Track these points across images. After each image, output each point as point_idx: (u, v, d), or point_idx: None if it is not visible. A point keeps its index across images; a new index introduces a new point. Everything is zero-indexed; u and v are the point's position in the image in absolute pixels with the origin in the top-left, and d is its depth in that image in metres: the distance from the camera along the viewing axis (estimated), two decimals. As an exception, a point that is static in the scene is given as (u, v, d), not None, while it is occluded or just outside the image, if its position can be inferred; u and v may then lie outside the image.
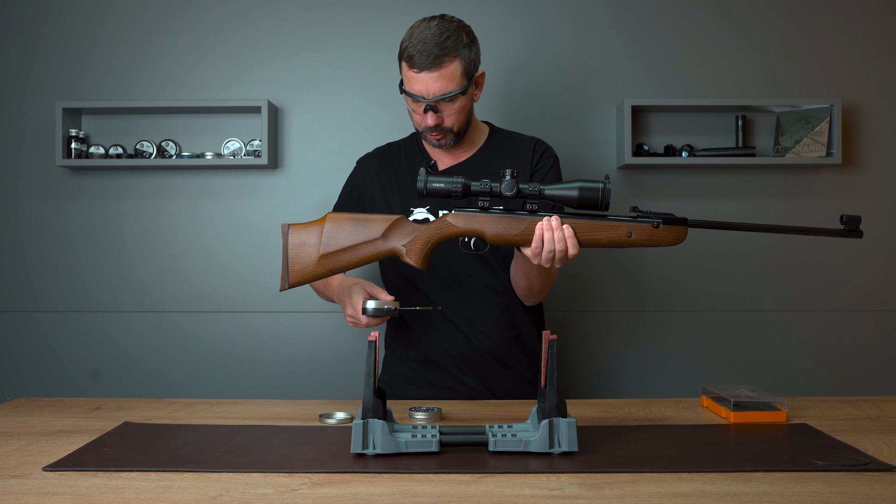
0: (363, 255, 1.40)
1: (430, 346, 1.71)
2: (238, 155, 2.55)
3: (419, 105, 1.60)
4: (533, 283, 1.62)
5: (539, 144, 1.74)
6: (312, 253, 1.40)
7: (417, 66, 1.56)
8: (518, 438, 1.15)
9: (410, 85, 1.59)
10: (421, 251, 1.39)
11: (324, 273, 1.41)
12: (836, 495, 1.00)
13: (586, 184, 1.33)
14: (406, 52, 1.58)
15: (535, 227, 1.35)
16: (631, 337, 2.62)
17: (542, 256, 1.36)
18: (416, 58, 1.56)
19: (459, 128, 1.65)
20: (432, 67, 1.55)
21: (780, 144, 2.53)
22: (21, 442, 1.26)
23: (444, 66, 1.56)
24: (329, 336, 2.58)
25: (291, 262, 1.40)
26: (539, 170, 1.70)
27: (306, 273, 1.40)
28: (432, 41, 1.55)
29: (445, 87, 1.57)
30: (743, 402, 1.39)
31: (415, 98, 1.59)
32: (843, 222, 1.36)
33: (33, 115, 2.58)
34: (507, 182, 1.34)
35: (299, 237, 1.40)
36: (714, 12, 2.60)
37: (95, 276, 2.59)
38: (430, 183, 1.35)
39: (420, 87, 1.57)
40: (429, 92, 1.57)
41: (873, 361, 2.59)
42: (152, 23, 2.59)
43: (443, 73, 1.56)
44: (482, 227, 1.37)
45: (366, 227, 1.40)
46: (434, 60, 1.55)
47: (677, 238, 1.37)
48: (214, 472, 1.09)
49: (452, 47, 1.57)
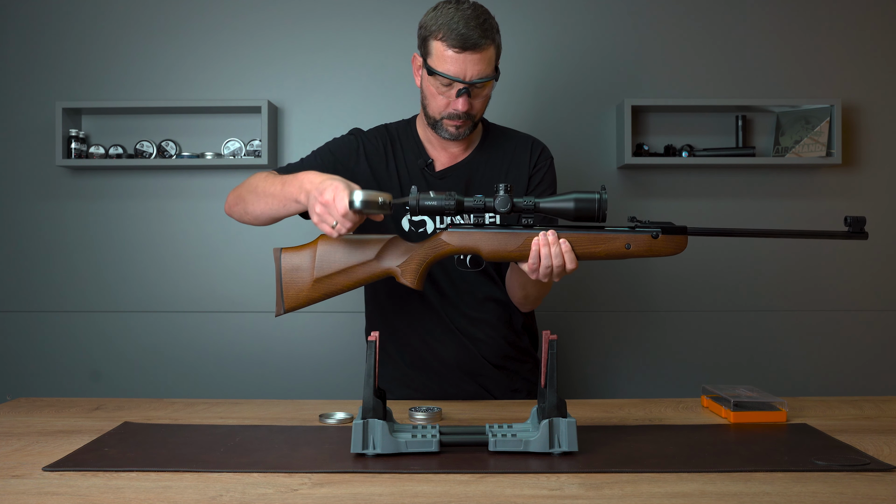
0: (358, 278, 1.38)
1: (427, 353, 1.70)
2: (238, 155, 2.55)
3: (451, 89, 1.53)
4: (529, 292, 1.61)
5: (536, 144, 1.71)
6: (306, 277, 1.38)
7: (459, 46, 1.48)
8: (518, 438, 1.15)
9: (445, 65, 1.50)
10: (416, 271, 1.38)
11: (318, 297, 1.39)
12: (836, 495, 0.99)
13: (582, 195, 1.31)
14: (442, 30, 1.49)
15: (532, 242, 1.33)
16: (631, 337, 2.62)
17: (540, 272, 1.34)
18: (457, 37, 1.48)
19: (480, 117, 1.62)
20: (476, 48, 1.49)
21: (780, 144, 2.53)
22: (21, 442, 1.26)
23: (485, 48, 1.50)
24: (329, 336, 2.58)
25: (286, 288, 1.38)
26: (537, 172, 1.68)
27: (301, 298, 1.38)
28: (474, 21, 1.49)
29: (483, 70, 1.51)
30: (743, 402, 1.38)
31: (451, 79, 1.51)
32: (848, 224, 1.35)
33: (33, 115, 2.58)
34: (501, 198, 1.31)
35: (292, 262, 1.38)
36: (714, 12, 2.60)
37: (95, 276, 2.59)
38: (423, 201, 1.31)
39: (457, 69, 1.50)
40: (467, 74, 1.50)
41: (873, 361, 2.59)
42: (152, 23, 2.59)
43: (483, 55, 1.50)
44: (477, 244, 1.35)
45: (359, 249, 1.37)
46: (478, 41, 1.48)
47: (677, 248, 1.36)
48: (214, 472, 1.09)
49: (490, 30, 1.51)
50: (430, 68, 1.52)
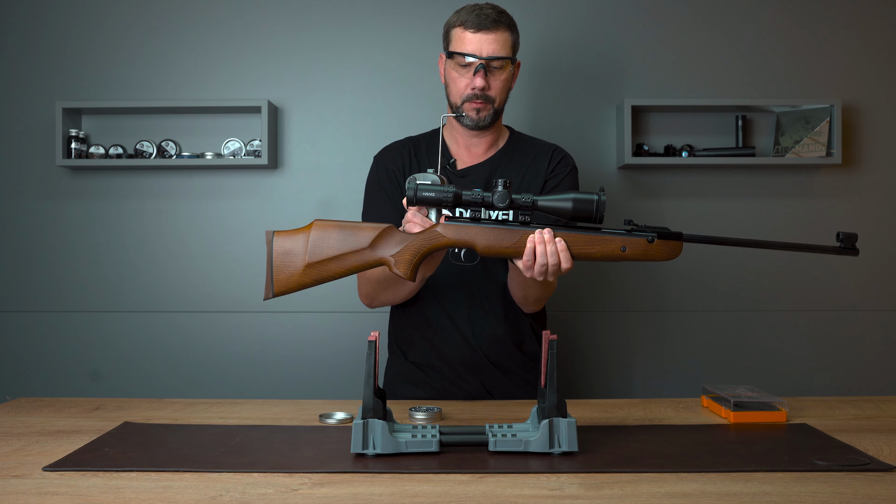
0: (350, 265, 1.36)
1: (431, 349, 1.70)
2: (238, 155, 2.55)
3: (469, 70, 1.62)
4: (528, 293, 1.61)
5: (557, 152, 1.73)
6: (298, 262, 1.36)
7: (475, 27, 1.61)
8: (518, 438, 1.15)
9: (463, 45, 1.62)
10: (410, 262, 1.37)
11: (309, 283, 1.37)
12: (836, 495, 0.99)
13: (580, 196, 1.31)
14: (461, 18, 1.64)
15: (528, 239, 1.33)
16: (631, 337, 2.61)
17: (535, 270, 1.35)
18: (474, 19, 1.62)
19: (500, 104, 1.67)
20: (489, 29, 1.61)
21: (780, 144, 2.53)
22: (21, 442, 1.26)
23: (500, 30, 1.62)
24: (329, 336, 2.58)
25: (276, 271, 1.36)
26: (554, 176, 1.69)
27: (291, 282, 1.36)
28: (491, 9, 1.64)
29: (498, 49, 1.61)
30: (743, 402, 1.38)
31: (467, 56, 1.61)
32: (840, 239, 1.35)
33: (33, 115, 2.58)
34: (500, 193, 1.31)
35: (284, 245, 1.36)
36: (714, 12, 2.60)
37: (95, 276, 2.59)
38: (421, 191, 1.33)
39: (473, 47, 1.61)
40: (483, 51, 1.61)
41: (873, 361, 2.59)
42: (152, 23, 2.59)
43: (497, 36, 1.62)
44: (473, 238, 1.35)
45: (353, 236, 1.36)
46: (492, 23, 1.61)
47: (672, 253, 1.36)
48: (214, 472, 1.09)
49: (506, 19, 1.65)
50: (450, 52, 1.65)
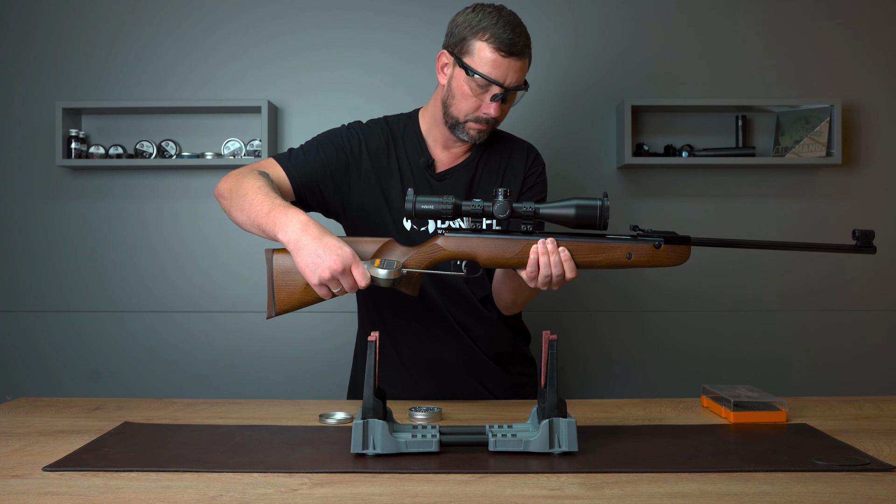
0: None
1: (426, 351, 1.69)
2: (238, 155, 2.55)
3: (485, 93, 1.49)
4: (517, 298, 1.60)
5: (531, 150, 1.71)
6: (299, 280, 1.33)
7: (505, 50, 1.45)
8: (518, 438, 1.15)
9: (486, 67, 1.46)
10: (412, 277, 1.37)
11: (311, 300, 1.34)
12: (836, 495, 0.99)
13: (583, 202, 1.28)
14: (489, 31, 1.45)
15: (531, 250, 1.31)
16: (631, 337, 2.62)
17: (539, 281, 1.32)
18: (506, 41, 1.44)
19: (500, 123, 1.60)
20: (520, 55, 1.47)
21: (780, 144, 2.53)
22: (21, 442, 1.26)
23: (526, 57, 1.49)
24: (329, 336, 2.58)
25: (277, 290, 1.34)
26: (531, 175, 1.68)
27: (293, 301, 1.34)
28: (519, 28, 1.47)
29: (520, 79, 1.49)
30: (743, 402, 1.38)
31: (491, 82, 1.46)
32: (856, 237, 1.33)
33: (33, 115, 2.58)
34: (501, 203, 1.28)
35: (284, 263, 1.33)
36: (714, 12, 2.60)
37: (95, 276, 2.59)
38: (419, 205, 1.30)
39: (499, 73, 1.46)
40: (507, 79, 1.47)
41: (873, 361, 2.59)
42: (152, 23, 2.59)
43: (523, 63, 1.49)
44: (474, 250, 1.32)
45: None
46: (523, 48, 1.47)
47: (679, 258, 1.32)
48: (214, 472, 1.09)
49: (529, 41, 1.50)
50: (470, 68, 1.47)
